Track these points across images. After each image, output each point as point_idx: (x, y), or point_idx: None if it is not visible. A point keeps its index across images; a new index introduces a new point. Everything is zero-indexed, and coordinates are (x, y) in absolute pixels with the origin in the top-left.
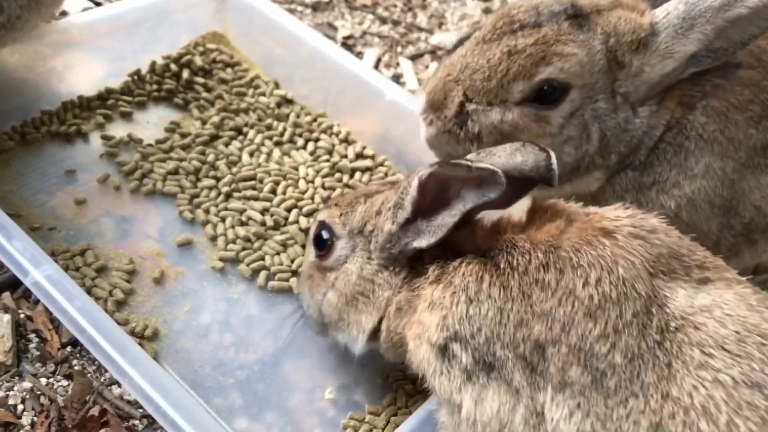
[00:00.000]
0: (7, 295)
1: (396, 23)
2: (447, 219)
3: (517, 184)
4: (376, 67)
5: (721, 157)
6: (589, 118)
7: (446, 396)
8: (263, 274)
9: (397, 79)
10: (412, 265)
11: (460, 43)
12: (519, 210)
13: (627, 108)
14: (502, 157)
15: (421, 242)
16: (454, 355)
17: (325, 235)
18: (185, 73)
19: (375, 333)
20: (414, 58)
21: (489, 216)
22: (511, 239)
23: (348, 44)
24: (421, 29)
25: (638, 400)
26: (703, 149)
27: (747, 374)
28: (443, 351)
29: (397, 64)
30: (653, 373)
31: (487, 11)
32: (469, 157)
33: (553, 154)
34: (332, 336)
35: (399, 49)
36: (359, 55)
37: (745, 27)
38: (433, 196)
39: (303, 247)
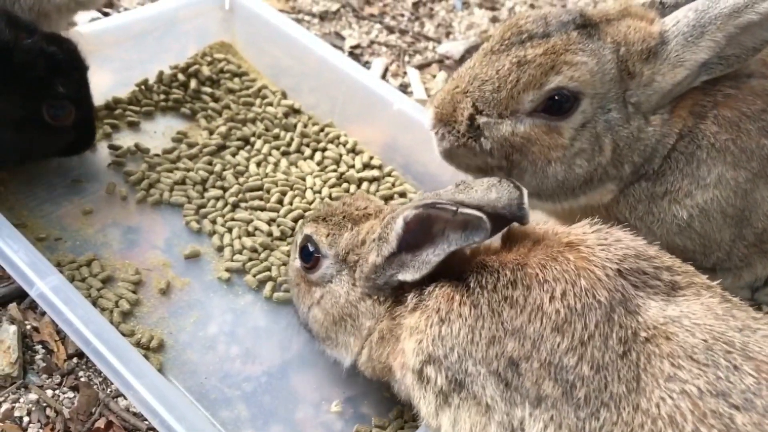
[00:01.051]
0: (13, 306)
1: (403, 32)
2: (431, 257)
3: (492, 220)
4: (384, 76)
5: (733, 167)
6: (601, 130)
7: (428, 420)
8: (270, 284)
9: (404, 88)
10: (395, 294)
11: (468, 53)
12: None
13: (639, 117)
14: (478, 193)
15: (406, 276)
16: (429, 379)
17: (311, 248)
18: (193, 83)
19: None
20: (421, 67)
21: None
22: (482, 261)
23: (355, 54)
24: (428, 38)
25: (610, 412)
26: (716, 159)
27: (713, 383)
28: (420, 375)
29: (405, 73)
30: (621, 385)
31: (494, 20)
32: (447, 189)
33: (525, 192)
34: (320, 346)
35: (406, 58)
36: (366, 64)
37: (756, 33)
38: (417, 231)
39: None
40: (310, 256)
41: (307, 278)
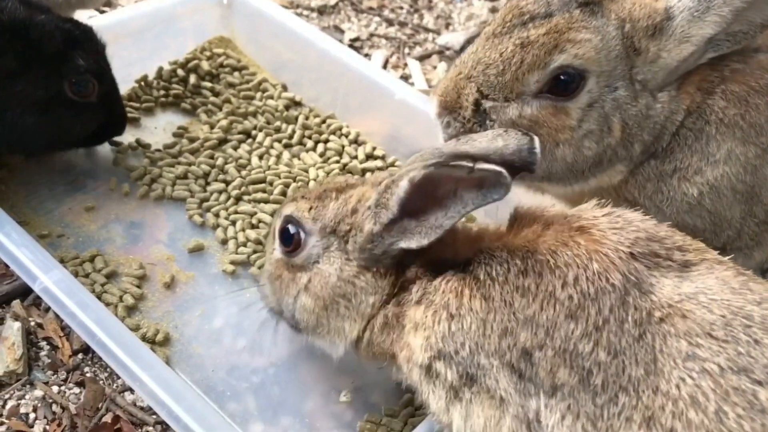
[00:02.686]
0: (17, 303)
1: (403, 25)
2: (443, 221)
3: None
4: (384, 68)
5: (743, 143)
6: (609, 109)
7: (439, 416)
8: None
9: (405, 80)
10: (398, 269)
11: (468, 42)
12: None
13: (647, 95)
14: (482, 143)
15: (410, 243)
16: (438, 374)
17: (292, 229)
18: (192, 78)
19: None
20: (422, 58)
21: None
22: (488, 249)
23: (355, 47)
24: (428, 30)
25: (629, 396)
26: (725, 134)
27: (733, 359)
28: (428, 371)
29: (405, 65)
30: (639, 368)
31: (494, 10)
32: (447, 144)
33: (536, 138)
34: (307, 340)
35: (406, 50)
36: (366, 57)
37: (764, 8)
38: (422, 195)
39: None
40: (290, 239)
41: (290, 264)
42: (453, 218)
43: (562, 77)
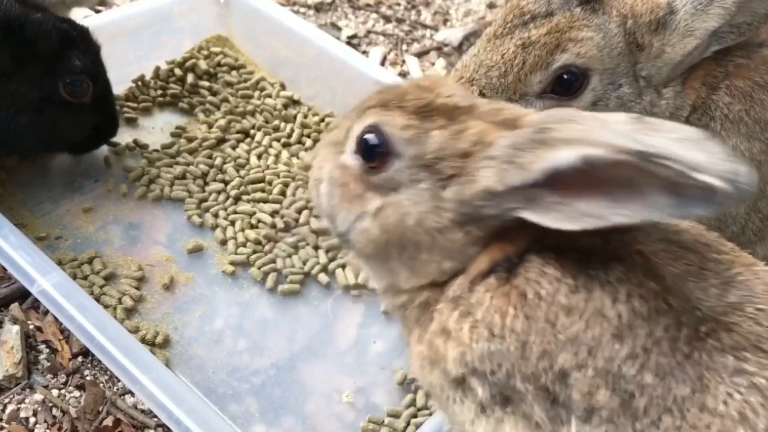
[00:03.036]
0: (15, 306)
1: (400, 21)
2: (608, 214)
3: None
4: (382, 65)
5: (747, 138)
6: (614, 107)
7: (460, 425)
8: (274, 276)
9: (403, 77)
10: (499, 234)
11: (467, 38)
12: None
13: (651, 91)
14: (670, 142)
15: (545, 220)
16: (471, 389)
17: (374, 140)
18: (190, 78)
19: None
20: (420, 55)
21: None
22: (541, 264)
23: (352, 44)
24: (425, 26)
25: (673, 417)
26: (729, 130)
27: None
28: (460, 383)
29: (403, 62)
30: (686, 387)
31: (491, 6)
32: (617, 119)
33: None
34: (358, 261)
35: (404, 47)
36: (364, 54)
37: None
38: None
39: (315, 248)
40: (372, 152)
41: (363, 179)
42: (627, 217)
43: (565, 76)
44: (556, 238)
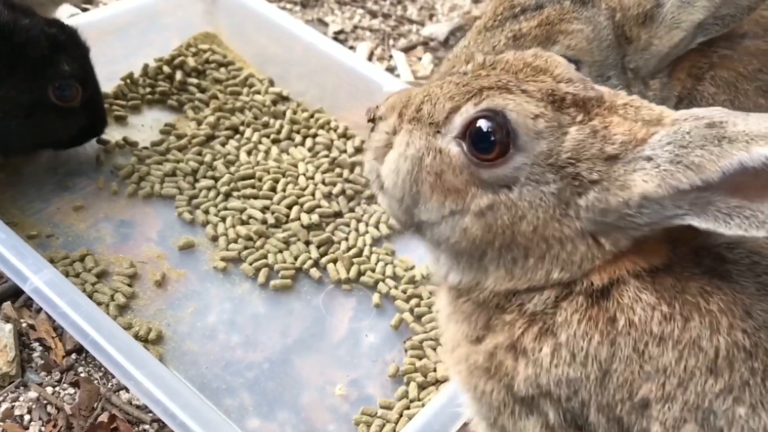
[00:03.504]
0: (7, 304)
1: (386, 16)
2: None
3: None
4: (369, 60)
5: None
6: None
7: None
8: (265, 272)
9: (390, 71)
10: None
11: (452, 33)
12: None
13: (639, 83)
14: None
15: (721, 226)
16: (541, 411)
17: (490, 128)
18: (178, 75)
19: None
20: (406, 50)
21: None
22: (637, 289)
23: (339, 39)
24: (411, 21)
25: None
26: None
27: None
28: (528, 402)
29: (390, 57)
30: None
31: (476, 1)
32: None
33: None
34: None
35: (391, 42)
36: (351, 50)
37: None
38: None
39: (306, 243)
40: (489, 145)
41: (466, 170)
42: None
43: None
44: (654, 261)
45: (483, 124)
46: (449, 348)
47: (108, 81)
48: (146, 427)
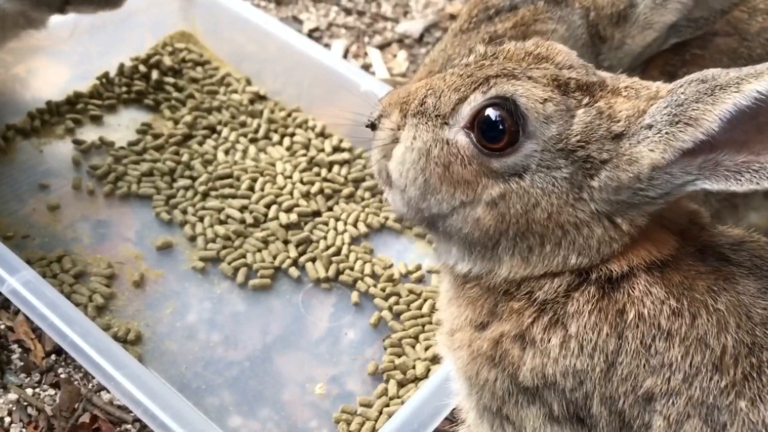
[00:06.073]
0: None
1: (361, 14)
2: None
3: None
4: (345, 58)
5: None
6: None
7: (514, 419)
8: (244, 271)
9: (366, 69)
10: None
11: (427, 30)
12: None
13: None
14: None
15: (734, 184)
16: (545, 401)
17: (498, 116)
18: (155, 74)
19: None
20: (382, 47)
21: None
22: (647, 282)
23: (314, 37)
24: (386, 18)
25: None
26: None
27: None
28: (532, 392)
29: (365, 54)
30: None
31: None
32: None
33: None
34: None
35: (366, 39)
36: (326, 47)
37: None
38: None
39: (284, 242)
40: (498, 133)
41: (475, 161)
42: None
43: None
44: (664, 256)
45: (491, 112)
46: (447, 330)
47: (82, 80)
48: (128, 427)
